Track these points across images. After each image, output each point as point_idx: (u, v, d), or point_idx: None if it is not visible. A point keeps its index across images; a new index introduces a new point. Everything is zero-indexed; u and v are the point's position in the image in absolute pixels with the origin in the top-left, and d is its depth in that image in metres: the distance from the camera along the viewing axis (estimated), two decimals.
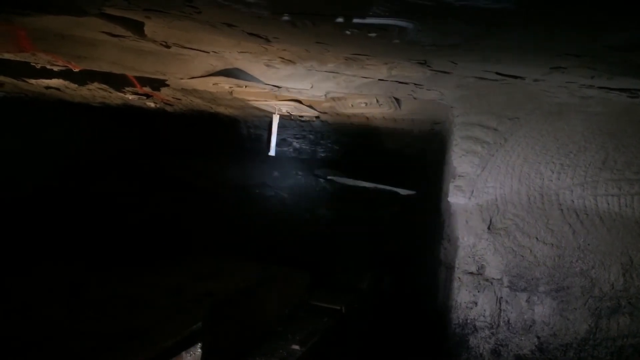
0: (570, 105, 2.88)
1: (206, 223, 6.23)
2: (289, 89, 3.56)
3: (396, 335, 4.61)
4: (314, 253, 5.59)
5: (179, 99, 4.56)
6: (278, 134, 4.56)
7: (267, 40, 2.36)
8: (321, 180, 7.19)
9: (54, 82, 3.96)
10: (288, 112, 4.49)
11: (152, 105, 4.94)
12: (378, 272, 5.30)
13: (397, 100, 3.66)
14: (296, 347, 3.07)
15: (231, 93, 3.90)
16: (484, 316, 3.07)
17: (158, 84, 3.83)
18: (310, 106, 4.22)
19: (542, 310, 2.94)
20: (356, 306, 4.14)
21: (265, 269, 3.74)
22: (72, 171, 6.01)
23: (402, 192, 6.70)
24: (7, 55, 3.14)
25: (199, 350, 2.57)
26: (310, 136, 6.09)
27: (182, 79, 3.46)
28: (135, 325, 2.42)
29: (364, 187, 6.95)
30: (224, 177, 6.88)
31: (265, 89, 3.54)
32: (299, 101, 4.06)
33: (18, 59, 3.20)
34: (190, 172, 6.93)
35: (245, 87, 3.53)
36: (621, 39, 1.76)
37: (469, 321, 3.11)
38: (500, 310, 3.03)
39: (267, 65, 2.99)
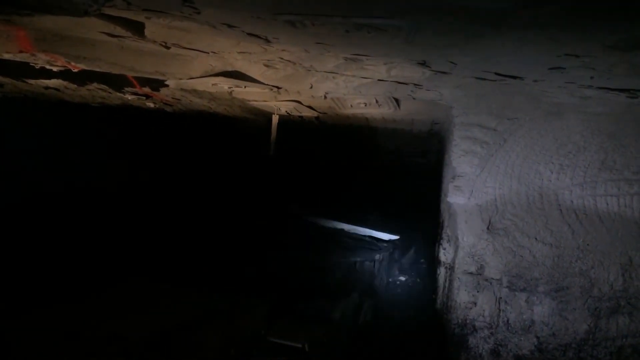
0: (569, 106, 2.89)
1: (153, 240, 5.52)
2: (289, 89, 3.56)
3: None
4: (280, 277, 4.83)
5: (178, 100, 4.56)
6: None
7: (267, 41, 2.36)
8: (296, 220, 6.52)
9: (54, 82, 3.96)
10: (287, 112, 4.49)
11: (152, 105, 4.94)
12: (356, 298, 4.45)
13: (396, 100, 3.66)
14: None
15: (231, 93, 3.90)
16: (483, 316, 3.07)
17: (157, 84, 3.82)
18: (309, 106, 4.22)
19: (541, 310, 2.94)
20: (324, 342, 3.46)
21: (207, 298, 3.12)
22: None
23: (385, 236, 6.12)
24: (6, 56, 3.14)
25: None
26: (310, 137, 6.08)
27: (181, 79, 3.46)
28: None
29: (341, 230, 6.34)
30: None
31: (265, 89, 3.54)
32: (299, 102, 4.07)
33: (17, 59, 3.20)
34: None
35: (245, 87, 3.53)
36: (621, 39, 1.76)
37: (468, 321, 3.11)
38: (500, 310, 3.03)
39: (267, 66, 3.00)
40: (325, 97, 3.66)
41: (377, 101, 3.72)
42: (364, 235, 6.24)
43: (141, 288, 3.20)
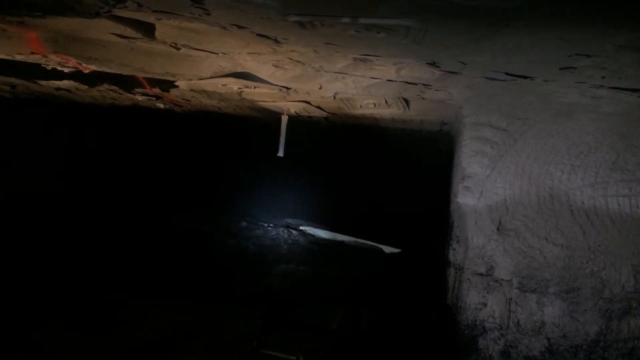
0: (580, 106, 2.87)
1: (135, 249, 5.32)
2: (298, 89, 3.57)
3: None
4: (274, 289, 4.65)
5: (188, 100, 4.58)
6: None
7: (276, 41, 2.36)
8: (293, 231, 6.45)
9: (65, 83, 4.00)
10: (297, 113, 4.49)
11: (162, 106, 4.96)
12: (355, 305, 4.18)
13: (405, 100, 3.65)
14: None
15: (240, 94, 3.91)
16: (493, 317, 3.05)
17: (167, 85, 3.84)
18: (318, 107, 4.22)
19: (552, 311, 2.92)
20: (321, 353, 3.30)
21: (193, 309, 2.96)
22: None
23: (387, 249, 5.99)
24: (18, 57, 3.17)
25: None
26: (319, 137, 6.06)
27: (191, 80, 3.48)
28: None
29: (341, 242, 6.24)
30: None
31: (274, 89, 3.55)
32: (308, 102, 4.07)
33: (29, 60, 3.23)
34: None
35: (254, 88, 3.54)
36: (632, 39, 1.75)
37: (478, 322, 3.10)
38: (510, 311, 3.01)
39: (276, 66, 3.00)
40: (334, 98, 3.66)
41: (386, 101, 3.71)
42: (365, 248, 6.14)
43: (117, 302, 3.01)
